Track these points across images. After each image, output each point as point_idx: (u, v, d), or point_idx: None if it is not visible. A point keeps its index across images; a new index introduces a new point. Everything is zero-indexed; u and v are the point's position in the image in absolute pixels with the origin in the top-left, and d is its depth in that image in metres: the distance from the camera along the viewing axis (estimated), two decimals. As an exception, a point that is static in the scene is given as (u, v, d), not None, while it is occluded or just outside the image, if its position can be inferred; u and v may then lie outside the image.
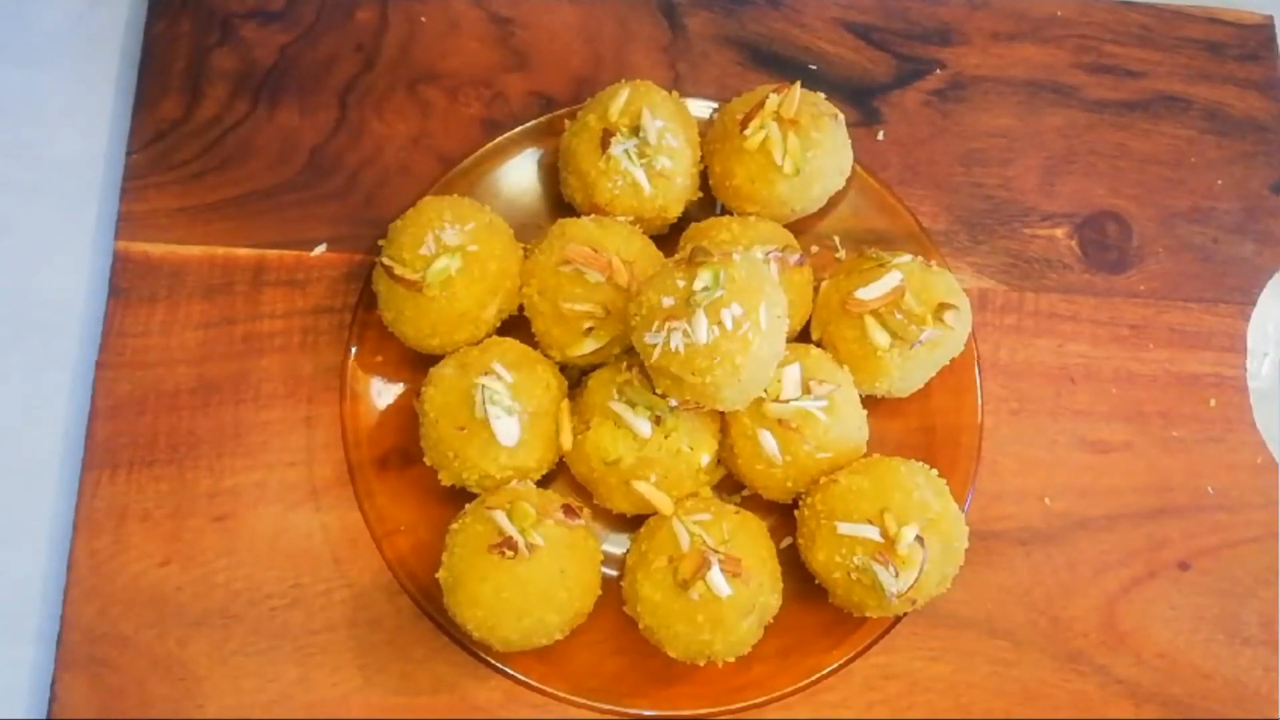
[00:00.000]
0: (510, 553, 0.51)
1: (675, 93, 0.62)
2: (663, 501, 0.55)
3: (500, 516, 0.52)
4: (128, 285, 0.61)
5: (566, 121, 0.62)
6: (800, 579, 0.56)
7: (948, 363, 0.58)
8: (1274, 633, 0.60)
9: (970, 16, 0.70)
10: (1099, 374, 0.64)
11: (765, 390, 0.54)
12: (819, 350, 0.58)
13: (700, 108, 0.63)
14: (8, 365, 0.62)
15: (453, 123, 0.66)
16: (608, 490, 0.56)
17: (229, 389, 0.60)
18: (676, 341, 0.49)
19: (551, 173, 0.63)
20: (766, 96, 0.59)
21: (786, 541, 0.57)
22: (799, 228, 0.62)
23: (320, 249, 0.63)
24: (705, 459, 0.55)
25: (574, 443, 0.56)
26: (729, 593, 0.51)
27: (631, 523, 0.57)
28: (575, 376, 0.58)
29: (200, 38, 0.67)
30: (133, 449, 0.59)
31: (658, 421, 0.54)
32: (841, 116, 0.61)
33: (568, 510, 0.54)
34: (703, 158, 0.61)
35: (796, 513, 0.56)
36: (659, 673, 0.55)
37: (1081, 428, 0.62)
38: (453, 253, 0.55)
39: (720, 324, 0.49)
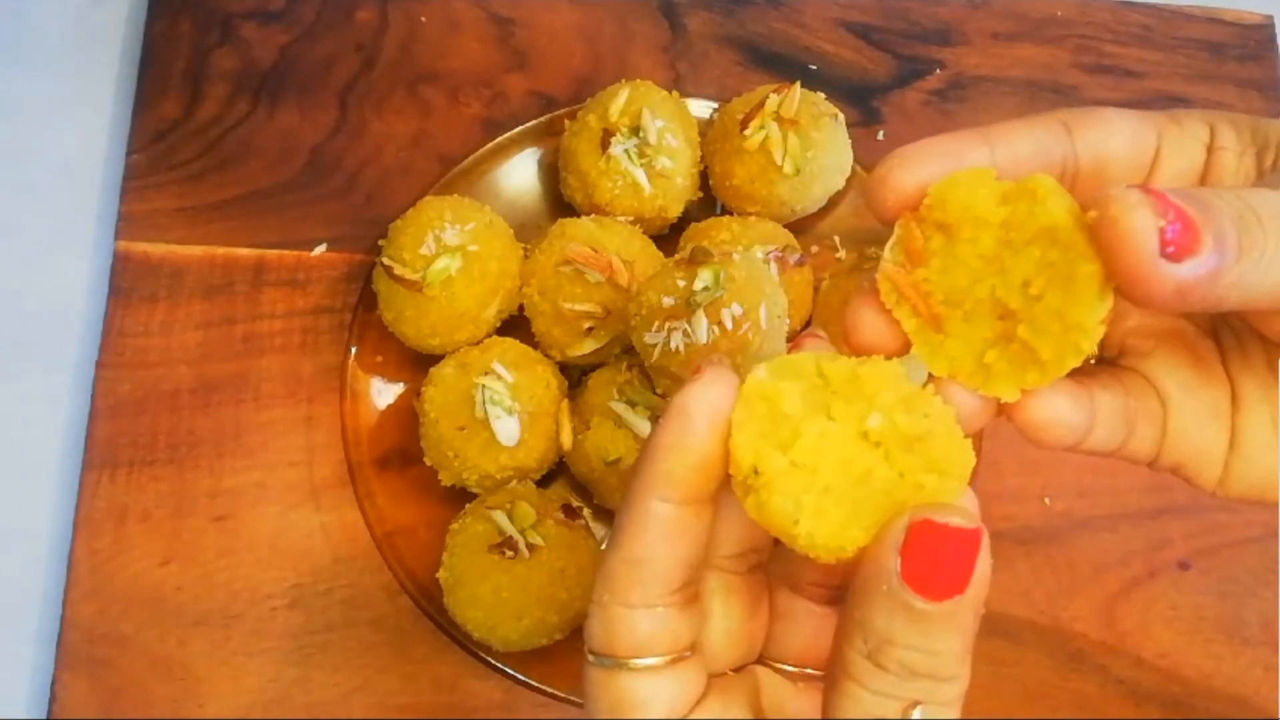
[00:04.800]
0: (510, 553, 0.51)
1: (675, 93, 0.62)
2: (663, 501, 0.54)
3: (500, 516, 0.52)
4: (128, 285, 0.61)
5: (566, 121, 0.62)
6: (800, 579, 0.56)
7: (948, 363, 0.58)
8: (1274, 633, 0.60)
9: (970, 16, 0.70)
10: (1099, 374, 0.64)
11: (765, 390, 0.54)
12: (819, 350, 0.57)
13: (700, 108, 0.63)
14: (7, 365, 0.61)
15: (453, 123, 0.66)
16: (608, 490, 0.56)
17: (229, 389, 0.60)
18: (676, 341, 0.49)
19: (551, 173, 0.63)
20: (766, 96, 0.59)
21: (787, 541, 0.57)
22: (799, 228, 0.62)
23: (320, 249, 0.63)
24: (705, 459, 0.55)
25: (574, 443, 0.56)
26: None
27: (631, 523, 0.57)
28: (575, 376, 0.58)
29: (200, 38, 0.67)
30: (133, 449, 0.59)
31: (657, 422, 0.54)
32: (841, 116, 0.61)
33: (568, 510, 0.54)
34: (703, 158, 0.61)
35: (796, 513, 0.56)
36: (659, 673, 0.55)
37: (1082, 427, 0.62)
38: (453, 253, 0.55)
39: (720, 324, 0.49)
